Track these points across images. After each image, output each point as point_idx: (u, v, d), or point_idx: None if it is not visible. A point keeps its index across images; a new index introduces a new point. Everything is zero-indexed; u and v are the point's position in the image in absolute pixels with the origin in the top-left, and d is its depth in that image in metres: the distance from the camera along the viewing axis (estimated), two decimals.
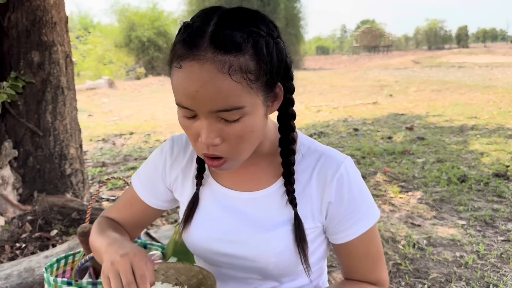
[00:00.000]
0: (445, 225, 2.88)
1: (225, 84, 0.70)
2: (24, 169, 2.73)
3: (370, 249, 0.93)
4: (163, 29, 22.51)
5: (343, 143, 5.46)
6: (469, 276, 2.23)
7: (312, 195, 0.89)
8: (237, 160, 0.82)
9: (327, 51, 73.10)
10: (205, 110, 0.73)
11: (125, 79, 19.75)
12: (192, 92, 0.72)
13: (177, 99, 0.76)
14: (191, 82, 0.71)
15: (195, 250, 0.98)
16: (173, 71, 0.75)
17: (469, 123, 6.48)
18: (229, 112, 0.73)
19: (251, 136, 0.79)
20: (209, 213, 0.94)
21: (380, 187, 3.69)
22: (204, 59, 0.70)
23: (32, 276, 2.05)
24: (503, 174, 3.81)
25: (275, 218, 0.89)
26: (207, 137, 0.76)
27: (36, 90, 2.69)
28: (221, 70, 0.70)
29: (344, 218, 0.89)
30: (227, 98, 0.72)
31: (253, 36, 0.72)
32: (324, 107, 8.93)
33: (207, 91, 0.71)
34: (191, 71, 0.71)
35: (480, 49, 44.50)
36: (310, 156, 0.90)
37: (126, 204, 1.05)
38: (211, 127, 0.75)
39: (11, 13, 2.60)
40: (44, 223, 2.67)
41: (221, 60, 0.70)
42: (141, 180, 1.03)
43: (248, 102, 0.74)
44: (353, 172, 0.89)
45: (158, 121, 7.90)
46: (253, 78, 0.73)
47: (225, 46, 0.70)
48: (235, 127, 0.75)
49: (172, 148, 1.00)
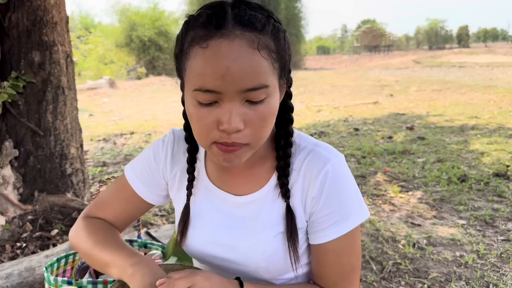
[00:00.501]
0: (445, 225, 2.88)
1: (256, 60, 0.70)
2: (25, 168, 2.73)
3: (341, 259, 0.86)
4: (164, 29, 22.52)
5: (343, 143, 5.46)
6: (469, 276, 2.23)
7: (298, 193, 0.86)
8: (254, 148, 0.78)
9: (328, 51, 73.04)
10: (234, 89, 0.70)
11: (126, 79, 19.76)
12: (222, 69, 0.68)
13: (200, 82, 0.71)
14: (221, 59, 0.68)
15: (191, 252, 0.97)
16: (194, 54, 0.71)
17: (470, 123, 6.47)
18: (257, 91, 0.71)
19: (272, 119, 0.77)
20: (205, 215, 0.93)
21: (380, 186, 3.69)
22: (233, 35, 0.69)
23: (32, 275, 2.05)
24: (503, 174, 3.81)
25: (265, 221, 0.88)
26: (233, 121, 0.71)
27: (36, 90, 2.69)
28: (251, 45, 0.70)
29: (319, 219, 0.85)
30: (258, 75, 0.70)
31: (272, 19, 0.74)
32: (324, 107, 8.93)
33: (240, 66, 0.69)
34: (220, 48, 0.69)
35: (481, 49, 44.46)
36: (299, 154, 0.88)
37: (121, 200, 1.00)
38: (236, 110, 0.72)
39: (11, 13, 2.61)
40: (45, 222, 2.67)
41: (250, 36, 0.70)
42: (137, 173, 0.99)
43: (271, 82, 0.73)
44: (341, 172, 0.85)
45: (159, 121, 7.91)
46: (275, 57, 0.74)
47: (251, 24, 0.71)
48: (260, 109, 0.73)
49: (173, 142, 0.98)
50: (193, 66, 0.72)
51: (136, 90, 14.66)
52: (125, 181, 1.00)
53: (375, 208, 3.21)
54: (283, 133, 0.87)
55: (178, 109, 9.41)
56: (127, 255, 0.88)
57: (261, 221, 0.88)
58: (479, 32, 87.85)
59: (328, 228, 0.85)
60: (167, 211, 3.21)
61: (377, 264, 2.37)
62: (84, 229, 0.97)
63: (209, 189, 0.94)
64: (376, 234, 2.74)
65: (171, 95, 12.49)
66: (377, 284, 2.18)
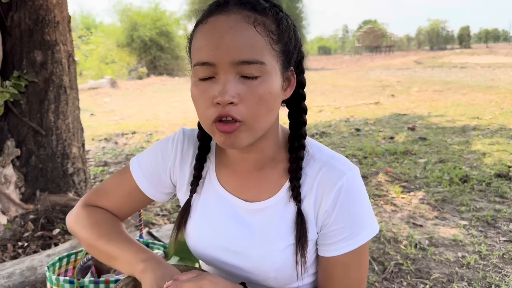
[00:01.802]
0: (447, 226, 2.88)
1: (250, 33, 0.73)
2: (27, 168, 2.73)
3: (349, 274, 0.86)
4: (165, 29, 22.55)
5: (345, 143, 5.45)
6: (471, 277, 2.23)
7: (310, 204, 0.85)
8: (251, 129, 0.77)
9: (329, 51, 73.05)
10: (227, 60, 0.72)
11: (127, 78, 19.79)
12: (216, 39, 0.73)
13: (198, 56, 0.75)
14: (216, 31, 0.73)
15: (198, 255, 0.96)
16: (196, 32, 0.78)
17: (471, 123, 6.47)
18: (251, 65, 0.73)
19: (270, 101, 0.76)
20: (213, 219, 0.92)
21: (382, 187, 3.69)
22: (231, 11, 0.75)
23: (34, 274, 2.05)
24: (505, 175, 3.80)
25: (277, 230, 0.86)
26: (226, 92, 0.73)
27: (38, 89, 2.70)
28: (247, 20, 0.74)
29: (330, 233, 0.85)
30: (251, 48, 0.73)
31: (276, 7, 0.79)
32: (326, 107, 8.93)
33: (232, 37, 0.72)
34: (216, 22, 0.74)
35: (482, 49, 44.43)
36: (314, 164, 0.86)
37: (123, 193, 0.99)
38: (229, 83, 0.73)
39: (14, 13, 2.61)
40: (46, 222, 2.67)
41: (247, 13, 0.75)
42: (142, 169, 0.97)
43: (268, 61, 0.75)
44: (355, 187, 0.84)
45: (160, 120, 7.91)
46: (275, 38, 0.76)
47: (250, 4, 0.76)
48: (254, 84, 0.74)
49: (183, 142, 0.96)
50: (195, 43, 0.77)
51: (137, 90, 14.68)
52: (129, 174, 0.98)
53: (377, 208, 3.21)
54: (296, 135, 0.86)
55: (179, 109, 9.42)
56: (136, 251, 0.88)
57: (273, 230, 0.86)
58: (481, 33, 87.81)
59: (339, 242, 0.84)
60: (169, 211, 3.20)
61: (379, 265, 2.37)
62: (86, 218, 0.96)
63: (220, 193, 0.92)
64: (378, 234, 2.73)
65: (172, 95, 12.50)
66: (379, 284, 2.18)
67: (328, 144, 5.46)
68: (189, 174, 0.95)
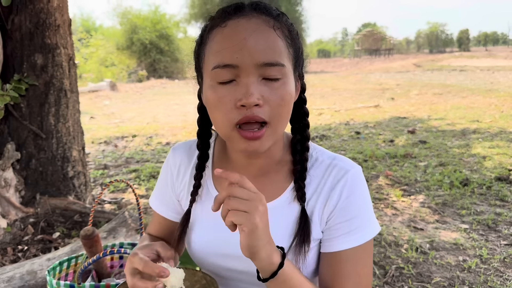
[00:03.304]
0: (448, 229, 2.87)
1: (271, 36, 0.75)
2: (27, 171, 2.73)
3: (356, 268, 0.84)
4: (165, 32, 22.58)
5: (345, 146, 5.45)
6: (472, 281, 2.22)
7: (316, 205, 0.86)
8: (275, 131, 0.78)
9: (329, 54, 73.15)
10: (251, 62, 0.73)
11: (127, 81, 19.80)
12: (240, 42, 0.73)
13: (218, 59, 0.75)
14: (239, 33, 0.74)
15: (201, 264, 0.95)
16: (213, 35, 0.77)
17: (471, 126, 6.47)
18: (273, 67, 0.74)
19: (289, 102, 0.78)
20: (214, 226, 0.91)
21: (382, 190, 3.68)
22: (250, 15, 0.76)
23: (34, 278, 2.04)
24: (505, 178, 3.80)
25: (282, 231, 0.86)
26: (252, 94, 0.73)
27: (39, 92, 2.69)
28: (267, 24, 0.76)
29: (334, 226, 0.84)
30: (274, 51, 0.74)
31: (284, 15, 0.81)
32: (326, 110, 8.93)
33: (256, 40, 0.73)
34: (237, 25, 0.75)
35: (481, 52, 44.51)
36: (318, 168, 0.87)
37: (156, 223, 1.05)
38: (253, 84, 0.74)
39: (14, 16, 2.61)
40: (47, 225, 2.67)
41: (266, 17, 0.77)
42: (157, 197, 1.03)
43: (287, 64, 0.77)
44: (358, 182, 0.86)
45: (160, 123, 7.91)
46: (290, 42, 0.79)
47: (266, 10, 0.78)
48: (276, 86, 0.75)
49: (174, 159, 0.99)
50: (212, 46, 0.77)
51: (137, 93, 14.69)
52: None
53: (378, 212, 3.20)
54: (300, 138, 0.88)
55: (179, 111, 9.42)
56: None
57: (276, 231, 0.84)
58: (480, 36, 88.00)
59: (345, 235, 0.84)
60: None
61: (380, 269, 2.36)
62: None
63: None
64: (379, 238, 2.73)
65: (172, 98, 12.51)
66: None
67: (328, 147, 5.46)
68: (187, 185, 0.97)
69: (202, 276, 0.92)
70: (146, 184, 3.99)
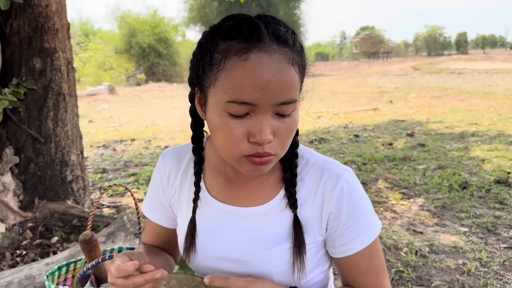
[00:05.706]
0: (447, 232, 2.87)
1: (291, 75, 0.73)
2: (25, 175, 2.72)
3: (373, 263, 0.90)
4: (163, 36, 22.60)
5: (343, 150, 5.45)
6: (472, 284, 2.22)
7: (312, 208, 0.87)
8: (279, 157, 0.80)
9: (327, 57, 73.21)
10: (271, 102, 0.72)
11: (126, 85, 19.81)
12: (263, 82, 0.70)
13: (236, 94, 0.71)
14: (262, 73, 0.70)
15: (198, 269, 0.96)
16: (232, 65, 0.71)
17: (470, 129, 6.48)
18: (289, 105, 0.74)
19: (294, 131, 0.80)
20: (210, 232, 0.92)
21: (381, 193, 3.68)
22: (272, 50, 0.71)
23: (33, 283, 2.03)
24: (504, 181, 3.80)
25: (275, 234, 0.87)
26: (265, 133, 0.73)
27: (37, 96, 2.69)
28: (288, 60, 0.73)
29: (344, 232, 0.87)
30: (291, 89, 0.73)
31: (294, 34, 0.77)
32: (324, 113, 8.94)
33: (279, 81, 0.71)
34: (261, 62, 0.70)
35: (479, 55, 44.65)
36: (310, 170, 0.89)
37: (150, 231, 1.06)
38: (268, 122, 0.73)
39: (13, 20, 2.61)
40: (45, 230, 2.66)
41: (286, 52, 0.73)
42: (150, 204, 1.04)
43: (298, 96, 0.77)
44: (354, 185, 0.88)
45: (159, 127, 7.90)
46: (302, 72, 0.78)
47: (285, 41, 0.73)
48: (288, 121, 0.76)
49: (164, 165, 1.00)
50: (230, 78, 0.71)
51: (136, 96, 14.68)
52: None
53: (377, 215, 3.20)
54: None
55: (177, 115, 9.41)
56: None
57: (272, 235, 0.88)
58: (478, 39, 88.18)
59: (354, 240, 0.88)
60: None
61: None
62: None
63: (211, 204, 0.92)
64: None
65: (171, 101, 12.51)
66: None
67: (327, 150, 5.46)
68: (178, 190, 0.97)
69: (200, 281, 0.92)
70: (145, 188, 3.98)
